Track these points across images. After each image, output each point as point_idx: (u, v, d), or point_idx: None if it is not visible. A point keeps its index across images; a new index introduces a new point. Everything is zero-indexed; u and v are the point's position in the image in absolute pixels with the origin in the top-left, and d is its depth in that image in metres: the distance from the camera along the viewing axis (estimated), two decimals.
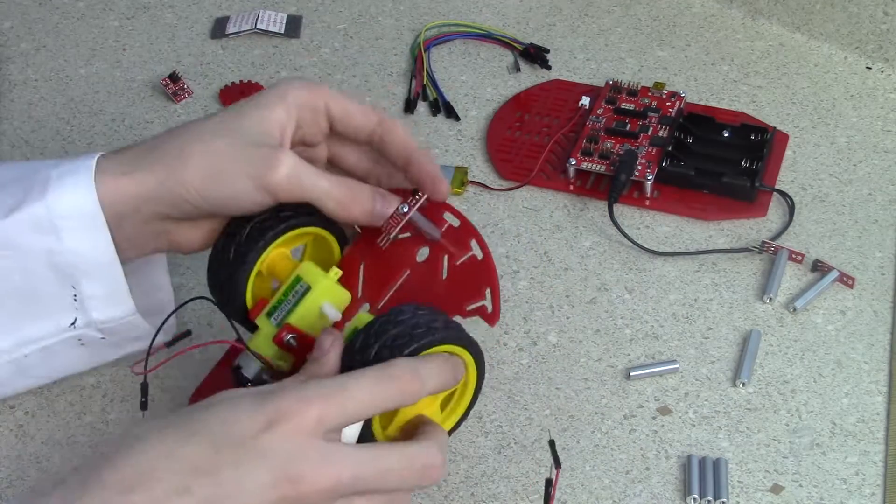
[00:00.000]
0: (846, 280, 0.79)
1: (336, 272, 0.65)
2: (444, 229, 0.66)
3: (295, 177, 0.63)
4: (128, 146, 0.66)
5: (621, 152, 0.85)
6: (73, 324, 0.66)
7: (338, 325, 0.64)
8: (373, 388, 0.55)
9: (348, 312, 0.66)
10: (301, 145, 0.67)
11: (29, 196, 0.63)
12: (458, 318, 0.63)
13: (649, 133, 0.87)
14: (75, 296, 0.65)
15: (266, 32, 0.99)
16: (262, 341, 0.64)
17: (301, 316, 0.64)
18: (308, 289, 0.64)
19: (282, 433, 0.53)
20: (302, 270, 0.64)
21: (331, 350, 0.58)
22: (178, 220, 0.65)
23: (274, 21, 1.00)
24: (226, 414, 0.54)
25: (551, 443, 0.61)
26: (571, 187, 0.86)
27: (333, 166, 0.70)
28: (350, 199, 0.64)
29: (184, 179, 0.63)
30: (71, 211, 0.63)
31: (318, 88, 0.66)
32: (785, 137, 0.89)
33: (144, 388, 0.65)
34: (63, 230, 0.63)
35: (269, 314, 0.64)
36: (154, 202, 0.64)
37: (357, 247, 0.68)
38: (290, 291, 0.64)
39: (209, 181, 0.63)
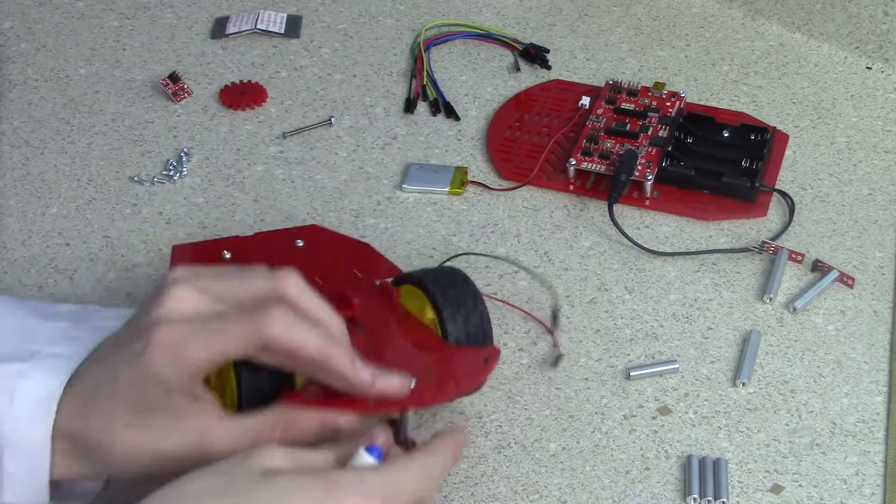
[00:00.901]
0: (846, 280, 0.79)
1: None
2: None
3: (234, 442, 0.60)
4: (86, 397, 0.61)
5: (621, 152, 0.85)
6: None
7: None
8: (418, 484, 0.58)
9: None
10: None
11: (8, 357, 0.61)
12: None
13: (649, 133, 0.87)
14: None
15: (266, 32, 0.99)
16: None
17: None
18: None
19: None
20: None
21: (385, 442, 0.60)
22: None
23: (274, 21, 1.00)
24: (294, 498, 0.54)
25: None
26: (571, 187, 0.86)
27: None
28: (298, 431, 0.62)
29: (113, 472, 0.62)
30: (31, 391, 0.60)
31: (186, 358, 0.59)
32: (785, 137, 0.89)
33: None
34: (14, 403, 0.60)
35: None
36: (78, 477, 0.62)
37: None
38: None
39: (146, 473, 0.61)
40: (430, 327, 0.69)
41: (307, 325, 0.59)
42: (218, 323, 0.59)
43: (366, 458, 0.58)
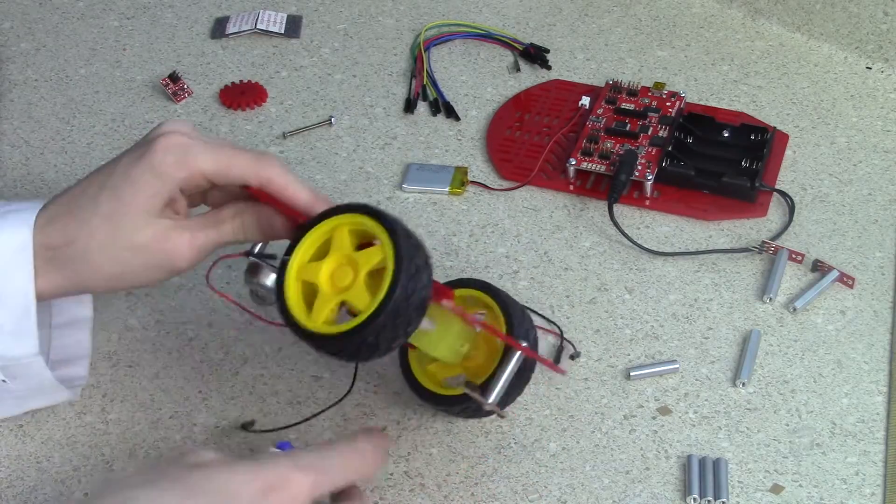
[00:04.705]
0: (846, 280, 0.79)
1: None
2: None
3: (197, 249, 0.65)
4: (57, 206, 0.66)
5: (621, 152, 0.85)
6: None
7: None
8: (348, 462, 0.60)
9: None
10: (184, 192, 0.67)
11: None
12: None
13: (649, 133, 0.87)
14: None
15: (266, 32, 0.99)
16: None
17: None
18: None
19: (280, 501, 0.55)
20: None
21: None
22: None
23: (274, 21, 1.00)
24: (223, 476, 0.55)
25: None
26: (571, 187, 0.86)
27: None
28: (248, 234, 0.67)
29: (91, 285, 0.66)
30: (2, 243, 0.64)
31: (191, 159, 0.64)
32: (785, 137, 0.89)
33: None
34: None
35: None
36: (57, 294, 0.66)
37: None
38: None
39: (116, 282, 0.66)
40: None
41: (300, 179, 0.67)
42: (228, 147, 0.65)
43: (277, 452, 0.61)
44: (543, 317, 0.77)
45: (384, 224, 0.62)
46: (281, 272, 0.64)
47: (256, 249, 0.68)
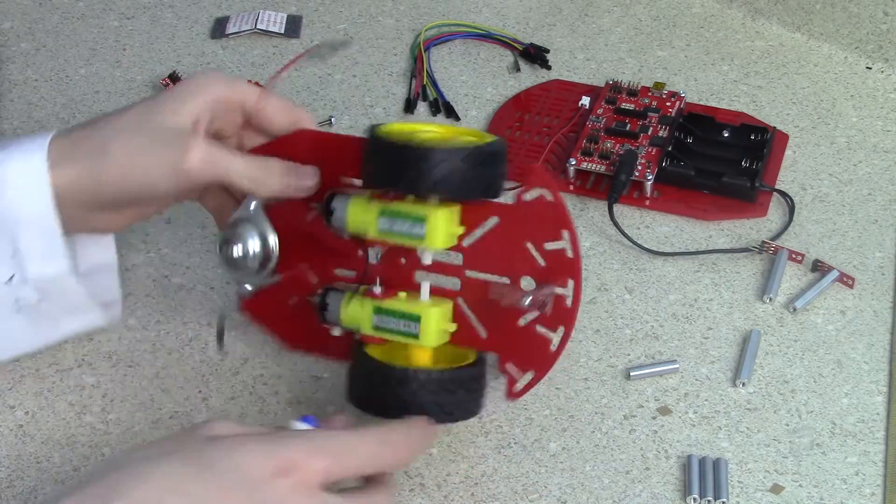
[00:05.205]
0: (846, 280, 0.79)
1: None
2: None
3: (208, 160, 0.66)
4: (75, 129, 0.67)
5: (621, 152, 0.86)
6: (10, 279, 0.67)
7: None
8: (372, 451, 0.59)
9: None
10: (214, 137, 0.69)
11: None
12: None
13: (649, 133, 0.87)
14: (13, 253, 0.66)
15: (266, 32, 0.99)
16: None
17: None
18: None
19: (291, 483, 0.55)
20: None
21: (343, 425, 0.63)
22: (97, 209, 0.67)
23: (274, 21, 1.00)
24: (237, 455, 0.56)
25: None
26: (571, 187, 0.86)
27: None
28: (263, 176, 0.67)
29: (101, 175, 0.65)
30: (18, 169, 0.65)
31: (235, 84, 0.68)
32: (785, 137, 0.89)
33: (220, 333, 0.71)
34: (7, 185, 0.65)
35: None
36: (73, 194, 0.66)
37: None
38: None
39: (126, 174, 0.65)
40: None
41: None
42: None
43: (299, 426, 0.60)
44: None
45: None
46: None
47: (238, 213, 0.69)
